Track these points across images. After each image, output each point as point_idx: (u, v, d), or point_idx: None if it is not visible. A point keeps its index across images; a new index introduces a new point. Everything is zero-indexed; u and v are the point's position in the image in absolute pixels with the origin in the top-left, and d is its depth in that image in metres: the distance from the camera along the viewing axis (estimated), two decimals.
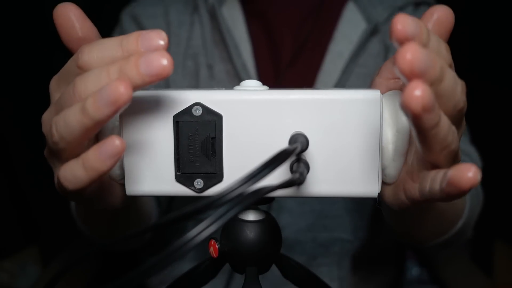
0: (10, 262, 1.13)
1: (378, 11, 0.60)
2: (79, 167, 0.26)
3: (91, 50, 0.27)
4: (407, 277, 1.04)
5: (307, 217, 0.60)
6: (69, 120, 0.26)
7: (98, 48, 0.27)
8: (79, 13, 0.29)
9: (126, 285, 0.19)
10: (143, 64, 0.25)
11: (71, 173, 0.27)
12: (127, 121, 0.30)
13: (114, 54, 0.27)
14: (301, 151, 0.27)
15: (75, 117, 0.26)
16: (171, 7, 0.62)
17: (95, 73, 0.26)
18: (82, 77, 0.27)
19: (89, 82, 0.26)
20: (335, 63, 0.60)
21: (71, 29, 0.29)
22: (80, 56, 0.27)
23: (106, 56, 0.27)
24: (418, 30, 0.24)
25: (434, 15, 0.28)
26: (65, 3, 0.29)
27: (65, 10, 0.29)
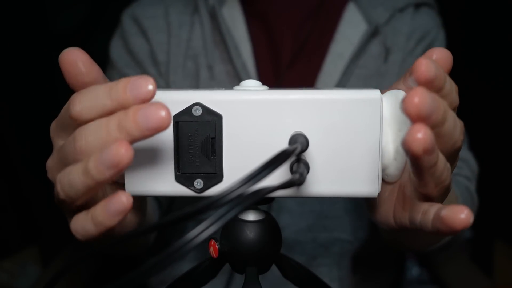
0: (10, 262, 1.13)
1: (378, 12, 0.60)
2: (88, 222, 0.27)
3: (81, 100, 0.27)
4: (407, 277, 1.04)
5: (307, 217, 0.60)
6: (73, 181, 0.27)
7: (88, 98, 0.27)
8: (86, 59, 0.29)
9: (126, 285, 0.19)
10: (142, 118, 0.25)
11: (82, 227, 0.28)
12: None
13: (104, 103, 0.27)
14: (301, 151, 0.27)
15: (79, 179, 0.26)
16: (171, 8, 0.62)
17: (94, 128, 0.27)
18: (81, 132, 0.27)
19: (89, 137, 0.27)
20: (336, 64, 0.60)
21: (78, 75, 0.29)
22: (72, 107, 0.27)
23: (97, 105, 0.27)
24: (438, 75, 0.26)
25: (434, 56, 0.29)
26: (72, 48, 0.29)
27: (72, 56, 0.29)
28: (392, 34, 0.60)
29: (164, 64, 0.61)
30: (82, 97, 0.27)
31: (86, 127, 0.27)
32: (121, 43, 0.64)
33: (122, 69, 0.63)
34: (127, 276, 0.19)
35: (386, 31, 0.60)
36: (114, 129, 0.26)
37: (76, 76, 0.29)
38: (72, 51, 0.29)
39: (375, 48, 0.60)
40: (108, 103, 0.27)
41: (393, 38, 0.60)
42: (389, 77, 0.60)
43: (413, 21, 0.61)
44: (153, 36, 0.61)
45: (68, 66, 0.29)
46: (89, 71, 0.29)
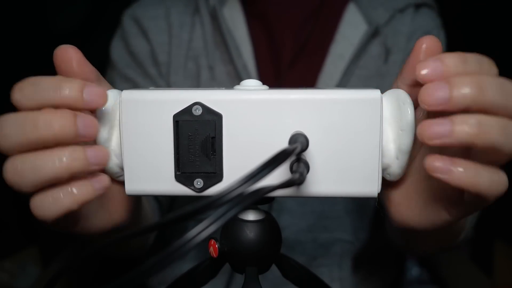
0: (10, 262, 1.13)
1: (379, 13, 0.60)
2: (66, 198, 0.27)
3: (22, 88, 0.27)
4: (407, 277, 1.04)
5: (307, 217, 0.60)
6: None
7: (32, 88, 0.27)
8: (80, 58, 0.29)
9: (126, 285, 0.19)
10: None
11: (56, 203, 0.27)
12: (127, 120, 0.30)
13: (49, 96, 0.26)
14: (301, 151, 0.27)
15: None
16: (172, 9, 0.62)
17: (20, 121, 0.26)
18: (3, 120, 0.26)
19: (6, 130, 0.26)
20: (336, 64, 0.60)
21: (70, 73, 0.29)
22: (12, 93, 0.27)
23: (39, 96, 0.26)
24: (441, 69, 0.26)
25: (424, 45, 0.29)
26: (66, 46, 0.29)
27: (66, 54, 0.29)
28: (392, 35, 0.60)
29: (165, 64, 0.61)
30: (25, 85, 0.27)
31: (8, 118, 0.26)
32: (122, 43, 0.64)
33: (122, 69, 0.63)
34: (127, 276, 0.19)
35: (386, 31, 0.60)
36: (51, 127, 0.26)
37: (68, 74, 0.29)
38: (66, 49, 0.29)
39: (376, 48, 0.60)
40: (54, 97, 0.26)
41: (393, 38, 0.60)
42: (390, 78, 0.60)
43: (413, 21, 0.61)
44: (153, 37, 0.61)
45: (62, 63, 0.29)
46: (81, 71, 0.29)
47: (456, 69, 0.26)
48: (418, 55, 0.29)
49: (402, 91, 0.31)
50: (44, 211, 0.26)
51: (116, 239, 0.22)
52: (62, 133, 0.26)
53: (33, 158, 0.26)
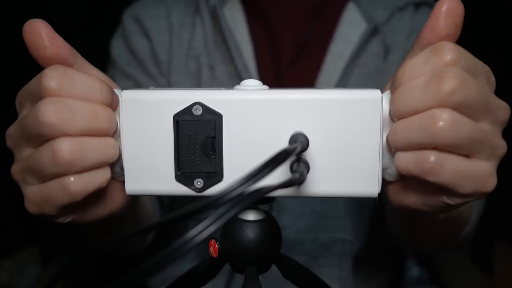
0: (10, 262, 1.13)
1: (378, 12, 0.60)
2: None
3: (56, 76, 0.27)
4: (407, 277, 1.04)
5: (307, 217, 0.60)
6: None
7: (69, 80, 0.28)
8: (49, 31, 0.29)
9: (126, 285, 0.19)
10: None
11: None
12: (127, 120, 0.30)
13: (93, 94, 0.28)
14: (301, 151, 0.27)
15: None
16: (173, 8, 0.62)
17: (76, 108, 0.28)
18: (49, 104, 0.27)
19: (64, 114, 0.27)
20: (335, 63, 0.60)
21: (41, 48, 0.29)
22: (45, 79, 0.27)
23: (83, 90, 0.28)
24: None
25: (444, 6, 0.28)
26: (34, 20, 0.29)
27: (34, 27, 0.29)
28: (392, 33, 0.60)
29: (165, 63, 0.61)
30: (60, 75, 0.27)
31: (59, 100, 0.27)
32: (122, 42, 0.64)
33: (123, 67, 0.63)
34: (127, 276, 0.19)
35: (386, 30, 0.60)
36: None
37: (38, 49, 0.29)
38: (35, 23, 0.29)
39: (375, 47, 0.60)
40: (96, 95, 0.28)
41: (393, 37, 0.60)
42: (389, 76, 0.60)
43: (413, 20, 0.61)
44: (154, 36, 0.61)
45: (31, 38, 0.29)
46: (52, 45, 0.29)
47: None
48: (438, 17, 0.29)
49: None
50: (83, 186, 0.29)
51: (116, 238, 0.22)
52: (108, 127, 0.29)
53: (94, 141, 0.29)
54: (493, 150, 0.28)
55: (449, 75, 0.26)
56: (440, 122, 0.26)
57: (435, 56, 0.27)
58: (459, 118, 0.26)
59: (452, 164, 0.27)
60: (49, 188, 0.29)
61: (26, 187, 0.30)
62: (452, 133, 0.26)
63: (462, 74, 0.26)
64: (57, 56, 0.29)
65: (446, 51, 0.27)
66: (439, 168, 0.26)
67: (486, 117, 0.27)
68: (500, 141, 0.28)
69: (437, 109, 0.26)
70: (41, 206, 0.30)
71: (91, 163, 0.28)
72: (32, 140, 0.29)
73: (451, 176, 0.27)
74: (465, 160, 0.27)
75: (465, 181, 0.27)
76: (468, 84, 0.26)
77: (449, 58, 0.27)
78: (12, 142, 0.30)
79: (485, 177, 0.28)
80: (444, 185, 0.27)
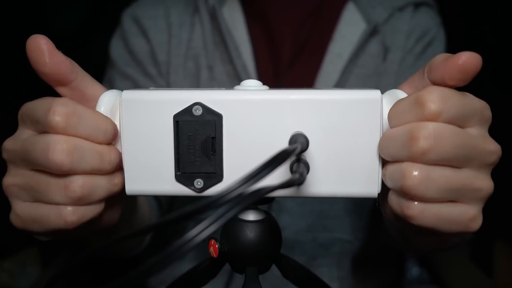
0: (10, 262, 1.13)
1: (377, 12, 0.60)
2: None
3: (68, 118, 0.28)
4: (407, 277, 1.04)
5: (307, 217, 0.60)
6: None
7: (77, 120, 0.28)
8: (51, 49, 0.29)
9: (126, 285, 0.19)
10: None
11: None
12: (127, 120, 0.30)
13: (103, 135, 0.30)
14: (301, 151, 0.27)
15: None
16: (172, 8, 0.62)
17: (87, 151, 0.29)
18: (62, 144, 0.28)
19: (76, 155, 0.28)
20: (335, 63, 0.60)
21: (42, 65, 0.29)
22: (51, 116, 0.28)
23: (93, 132, 0.29)
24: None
25: (461, 59, 0.27)
26: (37, 36, 0.29)
27: (37, 44, 0.29)
28: (391, 33, 0.60)
29: (164, 64, 0.61)
30: (68, 116, 0.28)
31: (69, 141, 0.28)
32: (121, 43, 0.64)
33: (122, 68, 0.63)
34: (127, 276, 0.19)
35: (385, 30, 0.60)
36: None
37: (39, 65, 0.29)
38: (37, 38, 0.29)
39: (374, 47, 0.60)
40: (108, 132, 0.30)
41: (392, 37, 0.60)
42: (388, 76, 0.60)
43: (412, 20, 0.61)
44: (153, 36, 0.61)
45: (32, 53, 0.29)
46: (52, 61, 0.29)
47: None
48: (452, 69, 0.28)
49: (401, 91, 0.31)
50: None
51: (115, 239, 0.22)
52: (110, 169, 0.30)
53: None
54: (476, 194, 0.28)
55: (422, 135, 0.26)
56: (410, 177, 0.26)
57: (418, 106, 0.27)
58: (432, 172, 0.27)
59: (432, 211, 0.27)
60: (44, 210, 0.29)
61: (17, 202, 0.30)
62: (423, 187, 0.26)
63: (437, 133, 0.26)
64: (57, 72, 0.30)
65: (429, 102, 0.26)
66: (420, 215, 0.27)
67: (468, 164, 0.28)
68: (485, 183, 0.28)
69: (409, 164, 0.27)
70: (28, 223, 0.30)
71: (96, 199, 0.29)
72: (33, 165, 0.29)
73: (432, 221, 0.27)
74: (446, 205, 0.28)
75: (448, 225, 0.28)
76: (443, 141, 0.26)
77: (431, 111, 0.26)
78: (9, 157, 0.31)
79: (468, 220, 0.28)
80: (428, 228, 0.28)
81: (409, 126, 0.27)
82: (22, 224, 0.31)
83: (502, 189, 0.33)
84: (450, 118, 0.27)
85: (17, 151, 0.30)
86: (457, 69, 0.27)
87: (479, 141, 0.28)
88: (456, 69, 0.27)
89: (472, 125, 0.28)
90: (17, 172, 0.30)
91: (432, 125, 0.26)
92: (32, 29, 1.22)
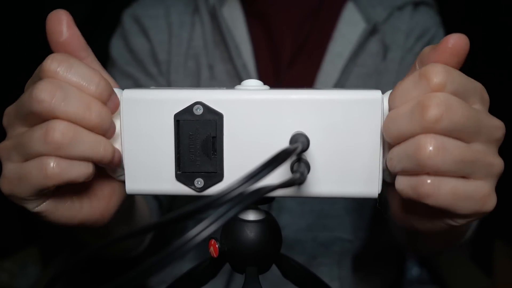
0: (10, 262, 1.13)
1: (377, 11, 0.60)
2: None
3: (57, 60, 0.28)
4: (407, 277, 1.04)
5: (307, 217, 0.60)
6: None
7: (68, 66, 0.28)
8: (68, 20, 0.31)
9: (126, 285, 0.19)
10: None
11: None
12: (128, 119, 0.30)
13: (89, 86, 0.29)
14: (302, 151, 0.27)
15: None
16: (172, 8, 0.62)
17: (74, 94, 0.28)
18: (52, 87, 0.28)
19: (69, 101, 0.28)
20: (335, 63, 0.60)
21: (58, 33, 0.30)
22: (45, 61, 0.28)
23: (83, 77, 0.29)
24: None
25: (450, 42, 0.28)
26: (58, 9, 0.31)
27: (57, 14, 0.30)
28: (390, 32, 0.60)
29: (165, 63, 0.61)
30: (61, 59, 0.28)
31: (55, 82, 0.28)
32: (122, 42, 0.64)
33: (123, 67, 0.63)
34: (127, 276, 0.19)
35: (384, 29, 0.60)
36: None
37: (55, 34, 0.30)
38: (58, 11, 0.31)
39: (374, 46, 0.60)
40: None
41: (392, 36, 0.60)
42: (388, 75, 0.60)
43: (412, 19, 0.61)
44: (154, 36, 0.61)
45: (51, 24, 0.30)
46: (69, 32, 0.31)
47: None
48: (443, 54, 0.28)
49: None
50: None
51: (115, 239, 0.22)
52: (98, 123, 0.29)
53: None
54: (488, 169, 0.28)
55: (433, 103, 0.26)
56: (426, 149, 0.26)
57: (423, 80, 0.27)
58: (446, 143, 0.26)
59: (448, 187, 0.27)
60: (27, 166, 0.29)
61: (7, 164, 0.30)
62: (440, 159, 0.26)
63: (446, 100, 0.26)
64: (71, 44, 0.31)
65: (433, 75, 0.27)
66: (436, 192, 0.27)
67: (477, 137, 0.27)
68: (495, 159, 0.28)
69: (423, 136, 0.26)
70: (14, 185, 0.29)
71: (77, 153, 0.28)
72: (25, 118, 0.29)
73: (448, 199, 0.27)
74: (461, 181, 0.27)
75: (463, 203, 0.27)
76: (453, 109, 0.26)
77: (436, 82, 0.26)
78: (7, 120, 0.31)
79: (483, 197, 0.28)
80: (443, 207, 0.27)
81: (417, 99, 0.27)
82: (8, 187, 0.30)
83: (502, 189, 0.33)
84: (454, 90, 0.27)
85: (12, 110, 0.30)
86: (449, 52, 0.28)
87: (484, 115, 0.28)
88: (449, 53, 0.28)
89: (474, 102, 0.28)
90: (12, 134, 0.30)
91: (441, 94, 0.26)
92: (32, 29, 1.22)
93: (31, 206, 0.31)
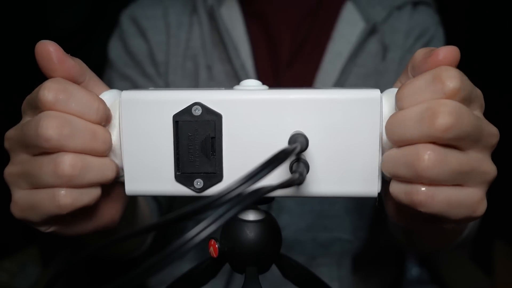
0: (10, 262, 1.13)
1: (376, 11, 0.60)
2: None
3: (53, 89, 0.28)
4: (407, 277, 1.04)
5: (306, 217, 0.60)
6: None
7: (67, 95, 0.28)
8: (59, 53, 0.30)
9: (126, 285, 0.19)
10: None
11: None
12: (127, 120, 0.30)
13: (90, 113, 0.29)
14: (301, 151, 0.27)
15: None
16: (170, 8, 0.62)
17: (75, 124, 0.28)
18: (48, 118, 0.27)
19: (65, 130, 0.28)
20: (334, 63, 0.60)
21: (52, 70, 0.30)
22: (41, 92, 0.28)
23: (82, 106, 0.29)
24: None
25: (440, 55, 0.28)
26: (45, 41, 0.30)
27: (45, 49, 0.29)
28: (390, 32, 0.60)
29: (163, 64, 0.61)
30: (57, 88, 0.28)
31: (60, 116, 0.28)
32: (120, 43, 0.64)
33: (121, 68, 0.63)
34: (127, 276, 0.19)
35: (384, 29, 0.60)
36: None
37: (49, 70, 0.30)
38: (46, 45, 0.29)
39: (373, 46, 0.60)
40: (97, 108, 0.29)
41: (391, 36, 0.60)
42: (388, 75, 0.60)
43: (411, 19, 0.61)
44: (152, 37, 0.61)
45: (42, 60, 0.29)
46: (62, 67, 0.30)
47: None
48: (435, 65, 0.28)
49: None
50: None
51: (115, 239, 0.22)
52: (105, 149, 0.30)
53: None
54: (483, 177, 0.28)
55: (445, 111, 0.25)
56: (424, 161, 0.26)
57: (437, 83, 0.26)
58: (445, 154, 0.26)
59: (442, 195, 0.27)
60: (39, 195, 0.29)
61: (16, 190, 0.30)
62: (437, 170, 0.26)
63: (458, 109, 0.26)
64: (66, 77, 0.30)
65: (448, 79, 0.26)
66: (430, 200, 0.27)
67: (476, 145, 0.27)
68: (489, 166, 0.28)
69: (422, 147, 0.26)
70: (26, 211, 0.30)
71: (87, 181, 0.29)
72: (29, 148, 0.29)
73: (442, 207, 0.27)
74: (455, 189, 0.27)
75: (456, 210, 0.27)
76: (463, 118, 0.26)
77: (451, 87, 0.26)
78: (10, 145, 0.31)
79: (475, 203, 0.28)
80: (437, 215, 0.27)
81: (428, 104, 0.26)
82: (20, 213, 0.30)
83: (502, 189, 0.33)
84: (464, 97, 0.27)
85: (16, 136, 0.30)
86: (440, 65, 0.28)
87: (485, 123, 0.28)
88: (439, 65, 0.28)
89: (475, 109, 0.28)
90: (17, 160, 0.30)
91: (453, 102, 0.26)
92: (32, 29, 1.22)
93: (43, 229, 0.32)
